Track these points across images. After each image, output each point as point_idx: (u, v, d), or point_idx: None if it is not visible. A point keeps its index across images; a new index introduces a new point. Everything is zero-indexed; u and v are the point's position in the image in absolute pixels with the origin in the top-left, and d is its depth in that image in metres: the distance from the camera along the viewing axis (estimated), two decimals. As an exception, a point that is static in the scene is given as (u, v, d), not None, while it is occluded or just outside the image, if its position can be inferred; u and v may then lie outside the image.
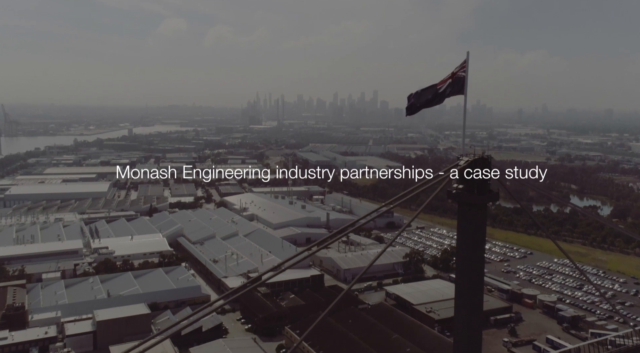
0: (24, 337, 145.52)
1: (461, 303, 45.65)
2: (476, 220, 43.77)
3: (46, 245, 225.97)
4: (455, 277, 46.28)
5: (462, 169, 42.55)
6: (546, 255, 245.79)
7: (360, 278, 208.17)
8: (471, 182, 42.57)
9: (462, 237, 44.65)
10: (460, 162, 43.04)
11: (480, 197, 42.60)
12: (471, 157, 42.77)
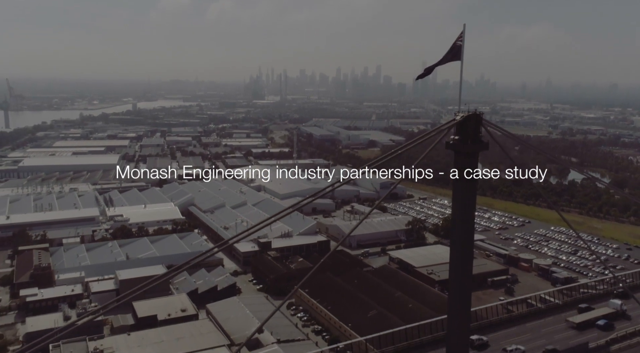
0: (53, 294, 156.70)
1: (455, 237, 54.72)
2: (469, 166, 52.26)
3: (64, 213, 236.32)
4: (450, 235, 55.30)
5: (459, 123, 50.87)
6: (543, 223, 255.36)
7: (364, 245, 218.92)
8: (465, 133, 50.93)
9: (457, 181, 53.27)
10: (457, 117, 51.34)
11: (472, 146, 51.07)
12: (466, 113, 51.01)
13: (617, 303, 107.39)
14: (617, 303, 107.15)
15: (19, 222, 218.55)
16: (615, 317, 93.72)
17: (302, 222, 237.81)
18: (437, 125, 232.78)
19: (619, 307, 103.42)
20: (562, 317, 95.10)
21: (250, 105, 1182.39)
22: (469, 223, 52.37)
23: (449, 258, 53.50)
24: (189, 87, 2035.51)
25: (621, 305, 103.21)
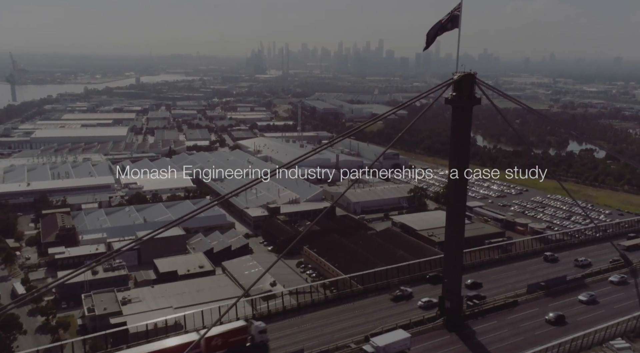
0: (79, 252, 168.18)
1: (452, 187, 64.74)
2: (464, 119, 61.97)
3: (81, 180, 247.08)
4: (449, 166, 65.17)
5: (456, 81, 60.28)
6: (540, 191, 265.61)
7: (368, 211, 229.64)
8: (461, 90, 60.38)
9: (454, 132, 63.04)
10: (454, 77, 60.74)
11: (467, 101, 60.54)
12: (462, 73, 60.40)
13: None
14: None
15: (40, 188, 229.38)
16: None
17: (308, 190, 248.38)
18: (439, 100, 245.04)
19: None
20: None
21: (252, 80, 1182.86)
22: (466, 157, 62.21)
23: (448, 176, 63.88)
24: (191, 62, 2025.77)
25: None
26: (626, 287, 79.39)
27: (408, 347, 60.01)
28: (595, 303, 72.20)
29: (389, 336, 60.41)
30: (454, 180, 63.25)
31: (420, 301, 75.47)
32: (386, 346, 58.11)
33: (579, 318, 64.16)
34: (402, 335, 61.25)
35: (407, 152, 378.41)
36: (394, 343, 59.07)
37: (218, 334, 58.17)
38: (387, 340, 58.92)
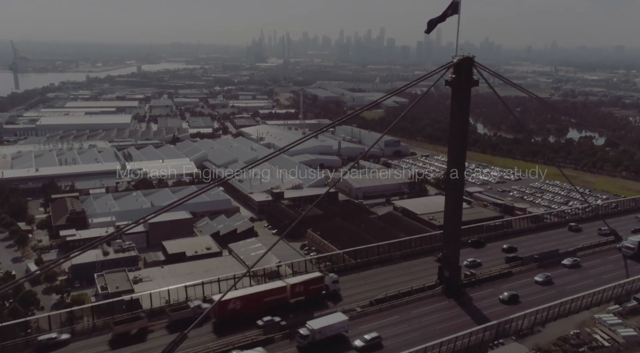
0: (89, 234, 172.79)
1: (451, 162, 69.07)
2: (463, 100, 66.19)
3: (88, 166, 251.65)
4: (448, 142, 69.43)
5: (455, 64, 64.37)
6: (538, 176, 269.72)
7: (370, 196, 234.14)
8: (460, 73, 64.49)
9: (453, 113, 67.28)
10: (454, 60, 64.84)
11: (466, 83, 64.69)
12: (461, 57, 64.50)
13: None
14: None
15: (48, 174, 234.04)
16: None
17: (312, 176, 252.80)
18: (440, 88, 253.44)
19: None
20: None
21: (253, 68, 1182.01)
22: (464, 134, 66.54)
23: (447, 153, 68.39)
24: (191, 50, 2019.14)
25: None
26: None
27: (346, 329, 60.05)
28: (578, 267, 77.79)
29: (325, 319, 60.31)
30: (453, 156, 67.68)
31: (466, 261, 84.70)
32: (322, 329, 58.14)
33: (567, 284, 69.15)
34: (339, 318, 61.00)
35: (408, 139, 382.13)
36: (331, 326, 59.02)
37: (300, 282, 68.93)
38: (323, 323, 58.93)
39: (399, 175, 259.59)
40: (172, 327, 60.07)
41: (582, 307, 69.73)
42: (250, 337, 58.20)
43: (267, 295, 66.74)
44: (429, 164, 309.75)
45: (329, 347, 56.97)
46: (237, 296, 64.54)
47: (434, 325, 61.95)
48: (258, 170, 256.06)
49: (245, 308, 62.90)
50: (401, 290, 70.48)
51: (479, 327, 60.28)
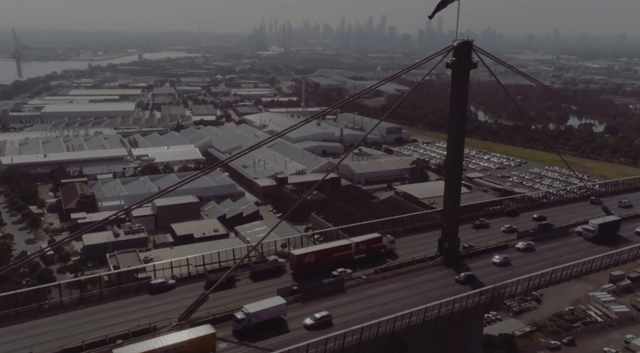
0: (99, 217, 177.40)
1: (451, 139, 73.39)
2: (462, 81, 70.40)
3: (96, 152, 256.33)
4: (449, 121, 73.73)
5: (455, 48, 68.46)
6: (538, 164, 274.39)
7: (372, 182, 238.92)
8: (460, 56, 68.59)
9: (453, 94, 71.49)
10: (454, 44, 68.93)
11: (465, 65, 68.83)
12: (461, 40, 68.59)
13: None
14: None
15: (56, 159, 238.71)
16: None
17: (314, 161, 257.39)
18: (442, 76, 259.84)
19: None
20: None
21: (254, 57, 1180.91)
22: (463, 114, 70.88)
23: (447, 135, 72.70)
24: (192, 39, 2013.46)
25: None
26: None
27: (284, 313, 60.28)
28: (532, 251, 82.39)
29: (262, 303, 60.27)
30: (452, 133, 72.16)
31: (503, 227, 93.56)
32: (258, 312, 58.20)
33: (523, 266, 74.02)
34: (277, 301, 61.14)
35: (409, 127, 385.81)
36: (267, 309, 59.17)
37: (363, 241, 77.63)
38: (259, 307, 59.07)
39: (400, 162, 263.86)
40: (254, 276, 71.38)
41: (572, 275, 74.58)
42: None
43: (336, 251, 75.22)
44: (430, 150, 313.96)
45: (266, 330, 57.28)
46: (312, 251, 73.46)
47: (434, 290, 66.71)
48: (260, 157, 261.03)
49: (317, 262, 71.79)
50: (404, 260, 75.21)
51: (475, 291, 65.16)
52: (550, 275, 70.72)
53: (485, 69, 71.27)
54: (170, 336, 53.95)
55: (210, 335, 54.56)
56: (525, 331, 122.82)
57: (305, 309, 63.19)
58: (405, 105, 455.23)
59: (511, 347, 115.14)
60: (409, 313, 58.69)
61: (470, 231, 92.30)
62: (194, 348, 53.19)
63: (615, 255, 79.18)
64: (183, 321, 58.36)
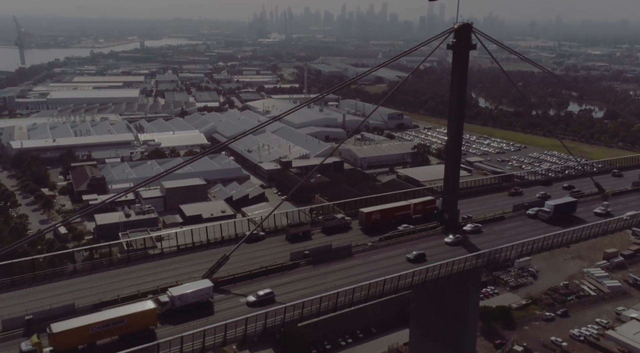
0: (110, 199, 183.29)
1: (452, 111, 78.33)
2: (462, 62, 75.07)
3: (103, 137, 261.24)
4: (449, 98, 78.58)
5: (456, 30, 73.09)
6: (538, 148, 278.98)
7: (374, 166, 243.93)
8: (460, 37, 73.23)
9: (454, 73, 76.23)
10: (455, 26, 73.53)
11: (465, 46, 73.50)
12: (461, 23, 73.19)
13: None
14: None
15: (65, 144, 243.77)
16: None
17: (318, 146, 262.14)
18: (443, 63, 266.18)
19: None
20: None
21: (256, 44, 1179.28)
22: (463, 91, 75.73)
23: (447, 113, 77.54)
24: (192, 26, 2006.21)
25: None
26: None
27: (210, 296, 59.83)
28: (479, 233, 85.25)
29: (187, 286, 59.96)
30: (453, 106, 77.14)
31: (538, 193, 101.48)
32: (182, 296, 57.50)
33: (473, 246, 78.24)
34: (203, 284, 60.53)
35: (411, 113, 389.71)
36: (192, 292, 58.59)
37: (420, 202, 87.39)
38: (184, 290, 58.46)
39: (402, 146, 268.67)
40: (326, 231, 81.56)
41: (563, 242, 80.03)
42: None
43: (397, 210, 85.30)
44: (431, 136, 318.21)
45: (190, 313, 57.46)
46: (378, 210, 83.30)
47: (435, 255, 72.00)
48: (265, 142, 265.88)
49: (382, 219, 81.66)
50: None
51: (471, 254, 70.58)
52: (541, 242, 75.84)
53: (487, 56, 76.20)
54: (111, 311, 54.27)
55: (152, 311, 54.60)
56: (521, 304, 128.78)
57: (316, 271, 68.63)
58: (407, 91, 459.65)
59: (507, 318, 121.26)
60: (411, 273, 64.10)
61: (505, 197, 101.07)
62: (135, 323, 53.40)
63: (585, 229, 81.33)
64: (207, 278, 63.89)
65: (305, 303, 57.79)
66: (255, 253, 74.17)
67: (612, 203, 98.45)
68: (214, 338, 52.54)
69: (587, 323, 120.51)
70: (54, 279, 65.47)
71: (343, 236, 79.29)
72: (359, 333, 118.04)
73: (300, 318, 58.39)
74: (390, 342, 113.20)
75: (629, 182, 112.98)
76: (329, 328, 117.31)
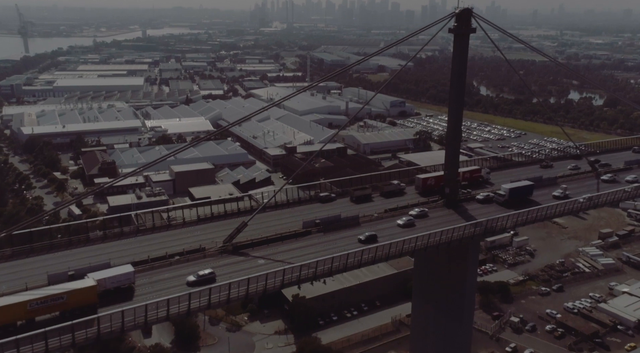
0: (121, 183, 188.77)
1: (453, 90, 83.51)
2: (463, 45, 79.99)
3: (112, 123, 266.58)
4: (450, 78, 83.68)
5: (457, 14, 77.97)
6: (537, 135, 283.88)
7: (377, 151, 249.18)
8: (461, 21, 78.11)
9: (455, 55, 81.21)
10: (456, 11, 78.42)
11: (465, 29, 78.40)
12: (462, 8, 78.05)
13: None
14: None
15: (75, 130, 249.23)
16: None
17: (322, 132, 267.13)
18: (445, 52, 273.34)
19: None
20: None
21: (257, 33, 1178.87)
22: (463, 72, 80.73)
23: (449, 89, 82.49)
24: (193, 15, 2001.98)
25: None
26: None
27: (132, 281, 59.26)
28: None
29: (109, 271, 58.89)
30: (454, 86, 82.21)
31: (570, 165, 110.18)
32: (100, 281, 56.84)
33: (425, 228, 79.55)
34: (125, 269, 59.63)
35: (413, 101, 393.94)
36: (112, 277, 58.01)
37: (467, 171, 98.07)
38: (104, 275, 57.99)
39: (404, 133, 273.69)
40: (384, 195, 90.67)
41: (556, 213, 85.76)
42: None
43: None
44: (432, 123, 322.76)
45: (112, 298, 56.94)
46: (432, 176, 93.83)
47: (436, 225, 77.19)
48: (269, 128, 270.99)
49: (435, 184, 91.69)
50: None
51: (470, 223, 76.08)
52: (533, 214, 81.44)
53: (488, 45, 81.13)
54: (50, 288, 53.70)
55: (92, 288, 54.37)
56: (518, 280, 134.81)
57: (326, 237, 74.22)
58: (409, 80, 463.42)
59: (505, 293, 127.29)
60: (415, 238, 69.64)
61: (536, 169, 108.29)
62: (74, 299, 52.97)
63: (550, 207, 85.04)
64: (227, 244, 69.53)
65: (319, 262, 63.40)
66: (271, 222, 79.69)
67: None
68: (219, 296, 57.03)
69: (580, 297, 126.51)
70: (88, 243, 71.33)
71: (400, 198, 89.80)
72: (363, 306, 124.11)
73: (314, 276, 64.00)
74: (393, 314, 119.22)
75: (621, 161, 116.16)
76: (335, 301, 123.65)
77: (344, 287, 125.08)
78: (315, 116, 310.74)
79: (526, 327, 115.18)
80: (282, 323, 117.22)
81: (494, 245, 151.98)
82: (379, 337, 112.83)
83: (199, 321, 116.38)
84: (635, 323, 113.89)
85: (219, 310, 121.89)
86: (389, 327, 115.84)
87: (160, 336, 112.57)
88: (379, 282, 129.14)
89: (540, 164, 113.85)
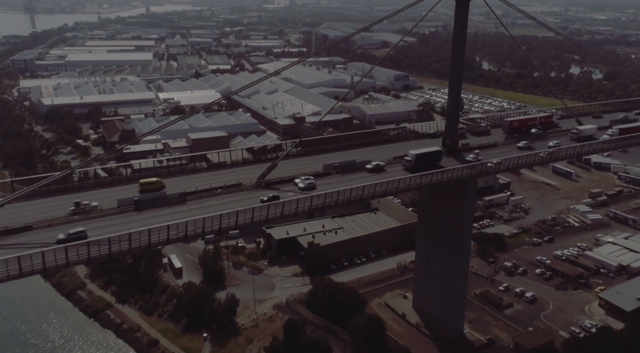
0: (141, 149, 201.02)
1: (454, 59, 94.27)
2: (463, 11, 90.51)
3: (127, 95, 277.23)
4: (452, 44, 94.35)
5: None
6: (537, 107, 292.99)
7: (382, 122, 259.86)
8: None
9: (456, 22, 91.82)
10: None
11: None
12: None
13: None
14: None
15: (93, 101, 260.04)
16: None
17: (329, 104, 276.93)
18: (448, 28, 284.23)
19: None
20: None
21: (260, 10, 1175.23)
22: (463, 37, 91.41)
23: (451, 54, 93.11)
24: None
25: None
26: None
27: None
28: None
29: None
30: (455, 54, 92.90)
31: (621, 115, 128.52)
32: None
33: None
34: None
35: (416, 75, 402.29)
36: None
37: (543, 116, 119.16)
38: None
39: (407, 104, 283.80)
40: (476, 134, 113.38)
41: (545, 159, 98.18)
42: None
43: (529, 121, 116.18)
44: (435, 96, 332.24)
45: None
46: (516, 119, 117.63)
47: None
48: (278, 100, 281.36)
49: (519, 126, 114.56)
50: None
51: (466, 165, 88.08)
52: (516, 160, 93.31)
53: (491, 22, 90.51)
54: None
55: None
56: (513, 233, 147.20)
57: (343, 177, 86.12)
58: (413, 55, 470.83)
59: (500, 243, 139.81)
60: (419, 176, 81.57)
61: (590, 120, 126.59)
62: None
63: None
64: (260, 180, 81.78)
65: (340, 192, 75.42)
66: (297, 165, 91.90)
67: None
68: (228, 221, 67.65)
69: (569, 247, 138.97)
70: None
71: (488, 137, 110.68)
72: (371, 254, 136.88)
73: (336, 203, 75.94)
74: (398, 260, 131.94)
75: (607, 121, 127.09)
76: (346, 249, 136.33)
77: (353, 237, 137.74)
78: (322, 89, 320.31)
79: (518, 270, 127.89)
80: (299, 268, 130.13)
81: (492, 203, 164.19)
82: (386, 279, 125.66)
83: (224, 265, 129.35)
84: (617, 267, 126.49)
85: (240, 257, 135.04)
86: (394, 271, 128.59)
87: (190, 278, 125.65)
88: (385, 233, 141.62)
89: (592, 115, 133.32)
